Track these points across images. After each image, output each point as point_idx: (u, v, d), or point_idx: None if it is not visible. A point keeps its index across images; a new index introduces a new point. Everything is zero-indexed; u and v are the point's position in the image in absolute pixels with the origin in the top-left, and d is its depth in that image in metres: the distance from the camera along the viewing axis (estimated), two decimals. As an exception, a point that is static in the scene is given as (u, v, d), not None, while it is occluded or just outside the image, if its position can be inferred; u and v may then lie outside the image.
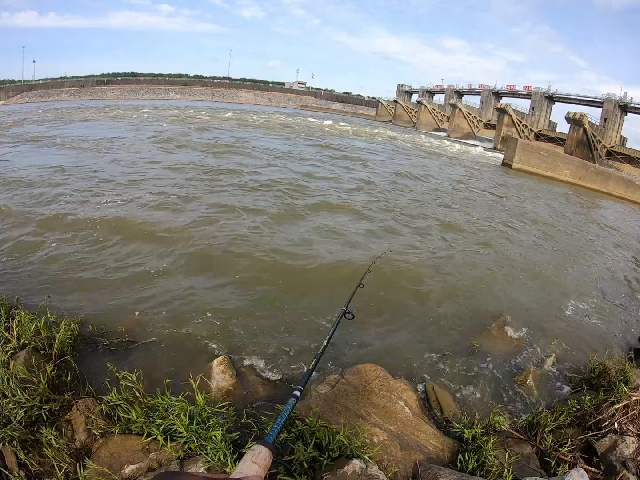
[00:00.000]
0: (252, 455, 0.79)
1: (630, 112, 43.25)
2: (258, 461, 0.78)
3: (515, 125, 49.92)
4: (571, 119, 41.26)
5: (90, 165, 12.89)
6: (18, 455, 2.80)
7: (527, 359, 5.47)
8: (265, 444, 0.84)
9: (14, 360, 3.49)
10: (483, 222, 12.37)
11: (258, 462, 0.78)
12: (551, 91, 51.57)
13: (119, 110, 37.91)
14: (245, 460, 0.78)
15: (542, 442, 3.75)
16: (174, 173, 12.66)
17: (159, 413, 3.07)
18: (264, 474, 0.76)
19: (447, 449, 3.53)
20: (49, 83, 74.70)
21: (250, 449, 0.82)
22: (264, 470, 0.77)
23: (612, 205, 25.25)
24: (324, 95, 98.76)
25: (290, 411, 1.14)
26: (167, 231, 7.76)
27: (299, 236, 8.47)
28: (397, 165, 21.20)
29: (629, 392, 4.18)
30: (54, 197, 9.23)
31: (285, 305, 5.72)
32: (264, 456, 0.80)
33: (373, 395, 3.69)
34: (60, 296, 5.26)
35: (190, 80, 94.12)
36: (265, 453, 0.81)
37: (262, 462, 0.78)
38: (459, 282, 7.48)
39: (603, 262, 11.01)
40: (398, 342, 5.36)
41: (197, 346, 4.64)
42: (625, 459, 3.48)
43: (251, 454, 0.80)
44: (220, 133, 24.82)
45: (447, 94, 69.74)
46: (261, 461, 0.78)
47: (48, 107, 41.93)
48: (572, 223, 15.57)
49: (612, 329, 6.90)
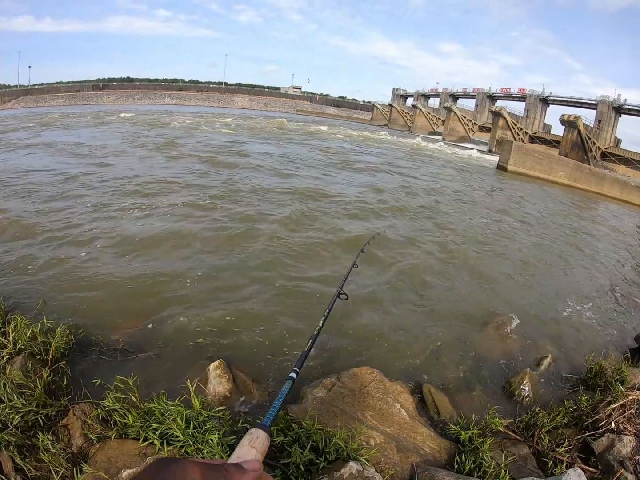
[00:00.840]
0: (249, 440, 0.77)
1: (625, 114, 43.65)
2: (256, 445, 0.76)
3: (510, 128, 50.20)
4: (566, 121, 41.59)
5: (104, 172, 12.84)
6: (15, 460, 2.79)
7: (523, 359, 5.49)
8: (262, 427, 0.82)
9: (10, 366, 3.48)
10: (479, 224, 12.43)
11: (256, 446, 0.76)
12: (545, 94, 51.99)
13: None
14: (243, 445, 0.76)
15: (539, 443, 3.76)
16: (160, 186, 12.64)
17: (156, 417, 3.07)
18: (262, 458, 0.75)
19: (444, 451, 3.53)
20: (45, 88, 74.61)
21: (248, 432, 0.80)
22: (262, 455, 0.76)
23: (608, 207, 25.35)
24: (320, 100, 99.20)
25: (286, 394, 1.11)
26: (162, 238, 7.73)
27: (304, 236, 8.48)
28: (393, 169, 21.24)
29: (625, 392, 4.19)
30: (50, 202, 9.19)
31: (282, 309, 5.73)
32: (261, 440, 0.78)
33: (369, 398, 3.70)
34: (56, 302, 5.24)
35: (185, 85, 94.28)
36: (263, 437, 0.79)
37: (260, 447, 0.76)
38: (453, 283, 7.50)
39: (599, 263, 11.06)
40: (393, 343, 5.37)
41: (193, 351, 4.64)
42: (623, 458, 3.49)
43: (249, 438, 0.78)
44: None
45: (442, 97, 70.10)
46: (259, 445, 0.76)
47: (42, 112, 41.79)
48: (567, 224, 15.63)
49: (608, 329, 6.94)
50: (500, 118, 49.90)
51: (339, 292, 2.18)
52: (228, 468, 0.64)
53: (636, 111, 42.77)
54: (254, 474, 0.67)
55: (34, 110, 47.16)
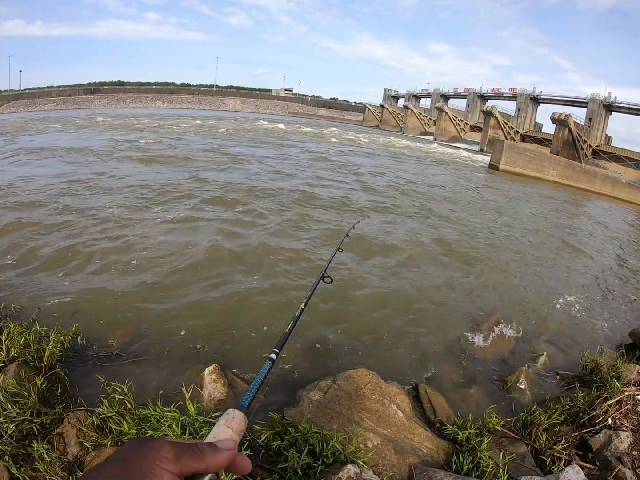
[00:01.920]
0: (225, 420, 0.77)
1: (615, 111, 44.08)
2: (232, 425, 0.75)
3: (502, 127, 50.50)
4: (556, 120, 41.89)
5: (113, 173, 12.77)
6: (10, 470, 2.76)
7: (518, 358, 5.50)
8: (239, 407, 0.81)
9: (3, 374, 3.44)
10: (471, 223, 12.47)
11: (232, 426, 0.75)
12: (536, 93, 52.44)
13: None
14: (219, 425, 0.75)
15: (536, 441, 3.77)
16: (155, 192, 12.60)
17: (151, 424, 3.05)
18: (238, 439, 0.73)
19: (442, 451, 3.53)
20: (36, 92, 74.04)
21: (225, 413, 0.79)
22: (239, 435, 0.75)
23: (600, 204, 25.58)
24: (311, 102, 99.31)
25: (265, 375, 1.09)
26: (160, 243, 7.71)
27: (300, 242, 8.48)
28: (384, 170, 21.31)
29: (621, 388, 4.22)
30: (46, 207, 9.13)
31: (276, 314, 5.71)
32: (238, 420, 0.77)
33: (366, 400, 3.69)
34: (49, 308, 5.20)
35: (177, 89, 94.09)
36: (240, 417, 0.78)
37: (236, 427, 0.75)
38: (448, 282, 7.52)
39: (591, 259, 11.16)
40: (388, 345, 5.37)
41: (188, 356, 4.61)
42: (620, 454, 3.51)
43: (225, 418, 0.77)
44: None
45: (433, 97, 70.47)
46: (235, 425, 0.76)
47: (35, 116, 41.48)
48: (560, 222, 15.75)
49: (602, 325, 6.99)
50: (492, 117, 50.17)
51: (322, 275, 2.16)
52: (202, 447, 0.64)
53: (626, 109, 43.23)
54: (228, 453, 0.66)
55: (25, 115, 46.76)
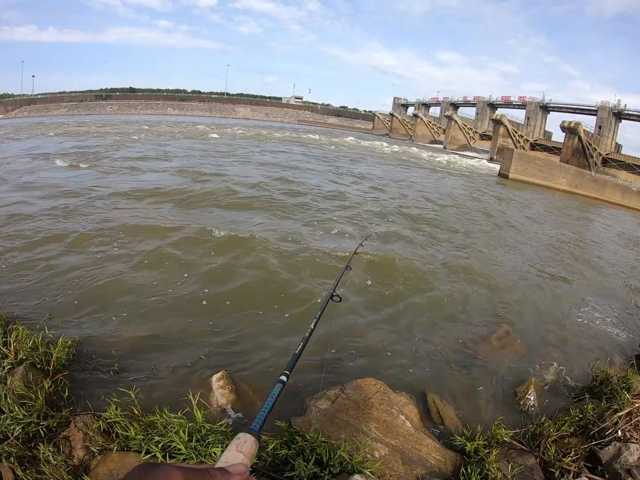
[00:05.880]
0: (237, 444, 0.77)
1: (625, 119, 43.79)
2: (243, 450, 0.76)
3: (511, 136, 50.32)
4: (566, 128, 41.68)
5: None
6: (15, 471, 2.76)
7: (528, 368, 5.43)
8: (250, 431, 0.81)
9: (11, 376, 3.46)
10: (481, 231, 12.42)
11: (243, 450, 0.75)
12: (546, 101, 52.26)
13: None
14: (230, 449, 0.76)
15: (545, 453, 3.71)
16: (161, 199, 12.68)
17: (158, 430, 3.04)
18: (249, 463, 0.74)
19: (449, 463, 3.49)
20: (48, 98, 75.25)
21: (236, 437, 0.79)
22: (250, 460, 0.75)
23: (610, 212, 25.30)
24: (321, 110, 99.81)
25: (276, 397, 1.08)
26: (172, 250, 7.73)
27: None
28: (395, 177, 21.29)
29: (631, 399, 4.16)
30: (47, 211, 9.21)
31: (284, 320, 5.70)
32: (249, 444, 0.77)
33: (374, 409, 3.66)
34: (58, 313, 5.22)
35: (188, 96, 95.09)
36: (251, 441, 0.78)
37: (247, 451, 0.76)
38: (457, 291, 7.46)
39: (602, 269, 11.01)
40: (397, 354, 5.33)
41: (196, 362, 4.59)
42: (630, 467, 3.44)
43: (236, 443, 0.77)
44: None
45: (443, 106, 70.45)
46: (247, 450, 0.76)
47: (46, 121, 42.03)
48: (569, 231, 15.59)
49: (613, 335, 6.88)
50: (501, 126, 50.02)
51: (331, 294, 2.15)
52: (213, 472, 0.64)
53: (636, 116, 42.94)
54: (239, 477, 0.66)
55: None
